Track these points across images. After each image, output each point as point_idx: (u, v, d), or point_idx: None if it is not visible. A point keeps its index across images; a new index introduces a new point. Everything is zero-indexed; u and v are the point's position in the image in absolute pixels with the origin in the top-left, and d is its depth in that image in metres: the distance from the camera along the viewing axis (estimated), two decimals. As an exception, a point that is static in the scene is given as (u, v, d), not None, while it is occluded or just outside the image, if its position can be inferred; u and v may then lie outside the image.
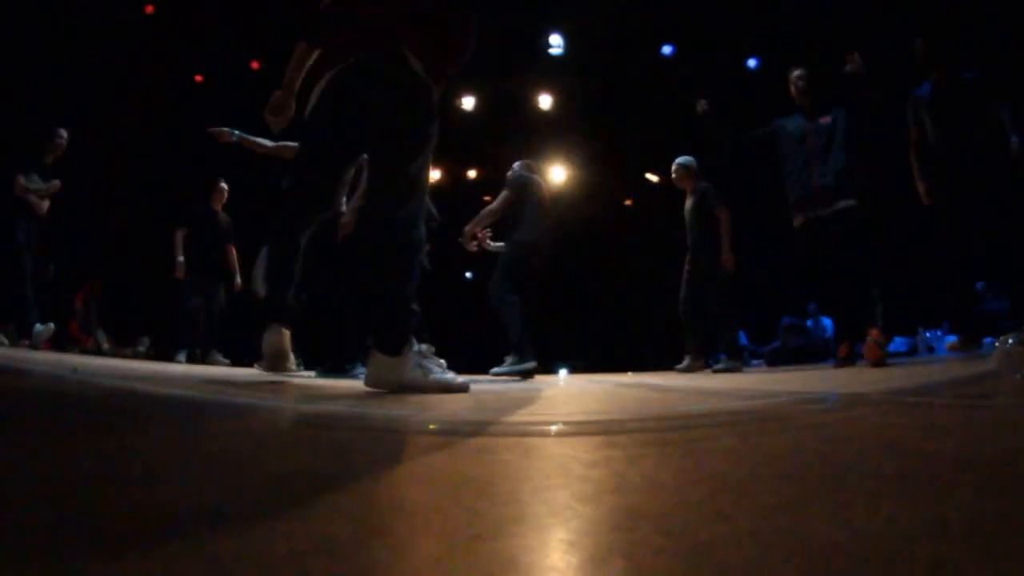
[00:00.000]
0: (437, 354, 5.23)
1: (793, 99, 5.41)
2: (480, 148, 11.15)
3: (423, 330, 6.79)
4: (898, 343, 7.87)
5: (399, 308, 2.63)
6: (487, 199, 11.59)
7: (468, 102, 10.63)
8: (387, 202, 2.66)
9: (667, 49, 9.34)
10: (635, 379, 4.96)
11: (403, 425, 1.59)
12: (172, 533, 0.60)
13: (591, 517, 0.70)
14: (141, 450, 1.11)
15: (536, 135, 11.01)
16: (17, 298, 5.74)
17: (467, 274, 11.88)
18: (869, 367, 4.49)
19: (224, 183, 7.40)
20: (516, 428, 1.58)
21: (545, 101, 10.76)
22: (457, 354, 5.46)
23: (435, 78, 2.73)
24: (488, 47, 9.75)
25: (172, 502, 0.73)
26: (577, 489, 0.83)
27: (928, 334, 7.66)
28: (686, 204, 6.52)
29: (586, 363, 8.40)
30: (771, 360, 8.53)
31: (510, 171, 6.12)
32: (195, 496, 0.77)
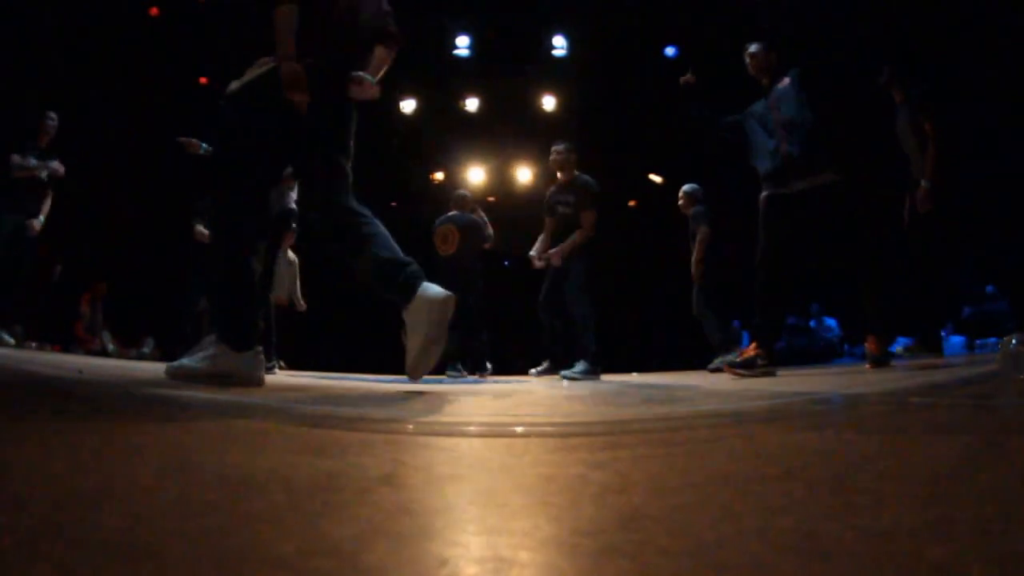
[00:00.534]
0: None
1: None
2: (483, 149, 11.15)
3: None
4: (901, 343, 7.84)
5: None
6: (491, 200, 11.65)
7: (472, 103, 10.64)
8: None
9: (670, 50, 9.34)
10: (640, 379, 4.96)
11: (404, 426, 1.59)
12: (177, 534, 0.60)
13: (596, 517, 0.70)
14: (143, 450, 1.11)
15: (539, 136, 11.01)
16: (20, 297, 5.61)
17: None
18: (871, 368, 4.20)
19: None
20: (521, 429, 1.58)
21: (549, 102, 10.76)
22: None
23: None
24: (492, 49, 9.74)
25: (176, 502, 0.73)
26: (582, 489, 0.83)
27: (931, 334, 7.63)
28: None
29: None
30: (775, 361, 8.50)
31: (584, 183, 6.35)
32: (197, 496, 0.77)
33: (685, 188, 7.16)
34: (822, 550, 0.57)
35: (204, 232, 6.51)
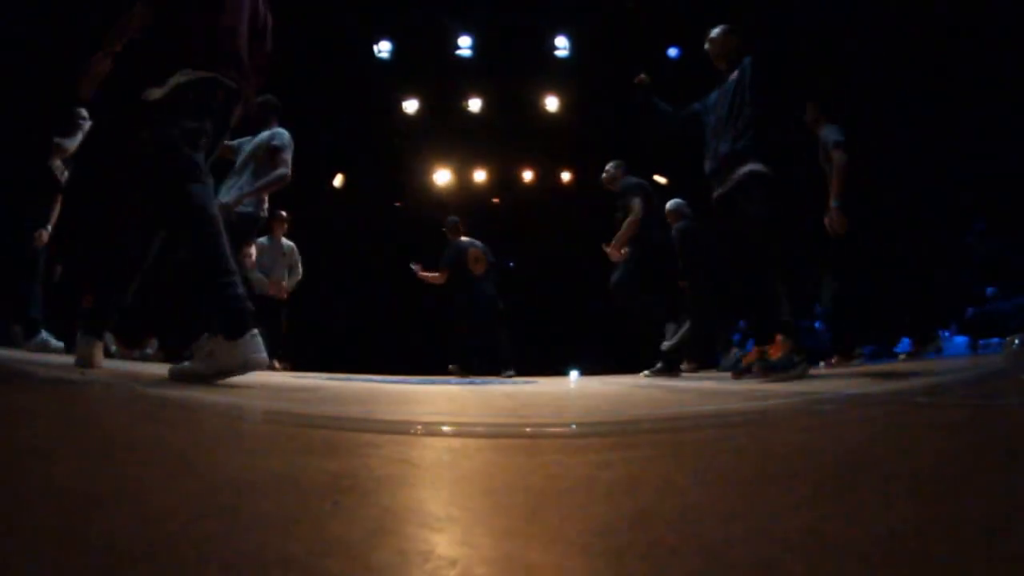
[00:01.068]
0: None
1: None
2: (486, 150, 11.14)
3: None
4: (906, 343, 7.82)
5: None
6: (495, 201, 11.65)
7: (475, 104, 10.63)
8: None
9: (673, 52, 9.33)
10: (647, 380, 4.95)
11: (413, 427, 1.59)
12: (184, 536, 0.60)
13: (605, 517, 0.70)
14: (149, 451, 1.12)
15: (542, 137, 11.01)
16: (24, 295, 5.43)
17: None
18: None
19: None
20: (529, 429, 1.59)
21: (552, 103, 10.75)
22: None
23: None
24: (494, 49, 9.73)
25: (183, 504, 0.73)
26: (591, 490, 0.84)
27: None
28: None
29: (597, 365, 8.39)
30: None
31: (622, 178, 6.50)
32: (204, 498, 0.77)
33: (668, 205, 7.62)
34: (830, 549, 0.57)
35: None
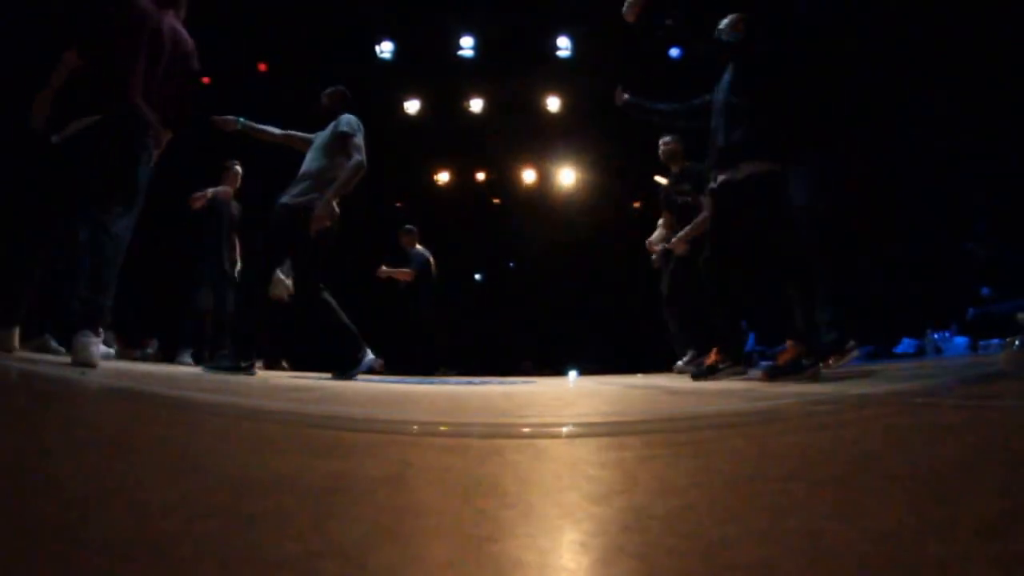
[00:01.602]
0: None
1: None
2: (488, 150, 11.14)
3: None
4: (906, 344, 7.83)
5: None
6: (496, 201, 11.65)
7: (476, 104, 10.63)
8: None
9: (675, 51, 9.33)
10: (644, 381, 4.95)
11: (412, 427, 1.59)
12: (182, 535, 0.60)
13: (602, 518, 0.70)
14: (149, 451, 1.12)
15: (544, 137, 11.00)
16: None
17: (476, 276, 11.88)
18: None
19: (239, 166, 6.95)
20: (527, 429, 1.59)
21: (553, 103, 10.74)
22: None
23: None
24: (496, 50, 9.72)
25: (182, 503, 0.73)
26: (588, 490, 0.84)
27: (936, 335, 7.62)
28: None
29: (595, 365, 8.40)
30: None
31: (684, 158, 6.21)
32: (203, 497, 0.77)
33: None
34: (827, 550, 0.57)
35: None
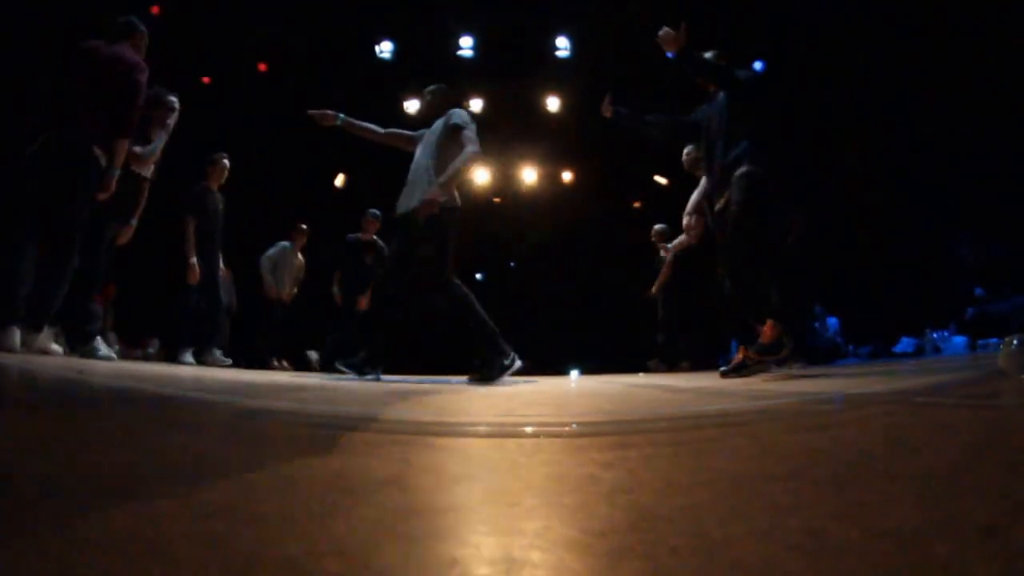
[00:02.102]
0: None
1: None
2: (487, 150, 11.12)
3: None
4: (905, 343, 7.84)
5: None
6: (496, 200, 11.63)
7: (476, 104, 10.62)
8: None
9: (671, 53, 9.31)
10: (647, 380, 4.95)
11: (415, 426, 1.60)
12: (185, 534, 0.61)
13: (607, 517, 0.70)
14: (150, 451, 1.12)
15: (544, 137, 10.98)
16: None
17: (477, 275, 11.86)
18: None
19: (226, 160, 6.70)
20: (530, 429, 1.59)
21: (553, 103, 10.73)
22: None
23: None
24: (496, 50, 9.70)
25: (183, 503, 0.73)
26: (592, 490, 0.84)
27: (935, 335, 7.63)
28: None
29: (597, 364, 8.38)
30: (780, 361, 8.49)
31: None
32: (205, 497, 0.77)
33: (656, 227, 8.07)
34: (830, 549, 0.57)
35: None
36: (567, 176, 11.50)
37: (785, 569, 0.53)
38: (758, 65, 8.62)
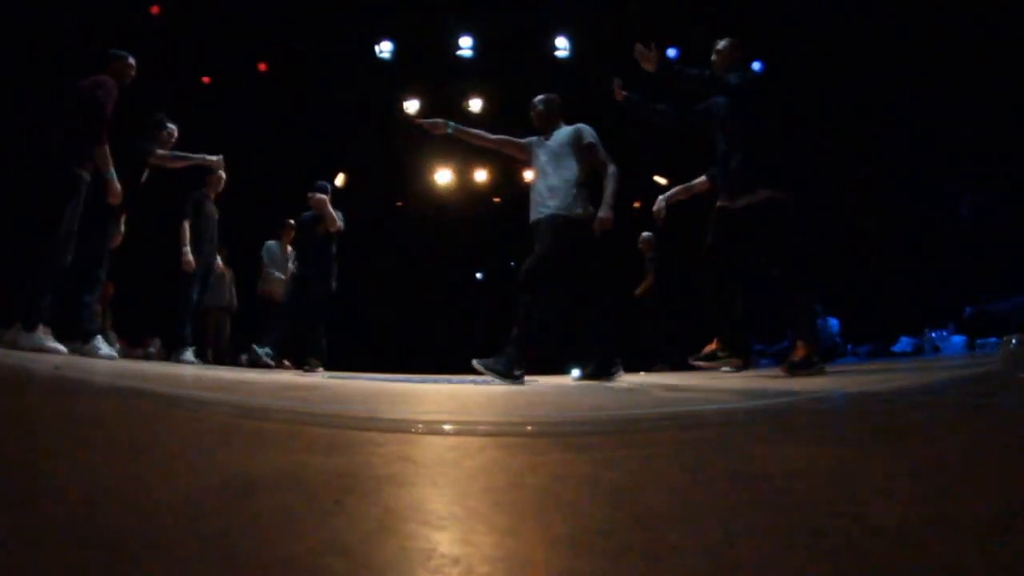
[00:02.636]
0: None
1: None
2: (488, 150, 11.11)
3: None
4: (904, 343, 7.84)
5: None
6: (496, 200, 11.63)
7: (475, 104, 10.61)
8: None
9: (672, 52, 9.32)
10: (647, 379, 4.95)
11: (415, 425, 1.60)
12: (187, 534, 0.61)
13: (608, 516, 0.71)
14: (151, 449, 1.12)
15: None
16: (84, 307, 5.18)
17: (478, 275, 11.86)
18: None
19: (223, 172, 6.92)
20: (531, 428, 1.59)
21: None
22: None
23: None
24: (495, 49, 9.69)
25: (185, 502, 0.73)
26: (593, 488, 0.84)
27: (934, 334, 7.63)
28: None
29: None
30: (781, 360, 8.50)
31: None
32: (206, 495, 0.77)
33: (644, 235, 8.29)
34: (830, 547, 0.57)
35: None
36: (566, 176, 11.50)
37: (785, 568, 0.53)
38: (757, 65, 8.62)
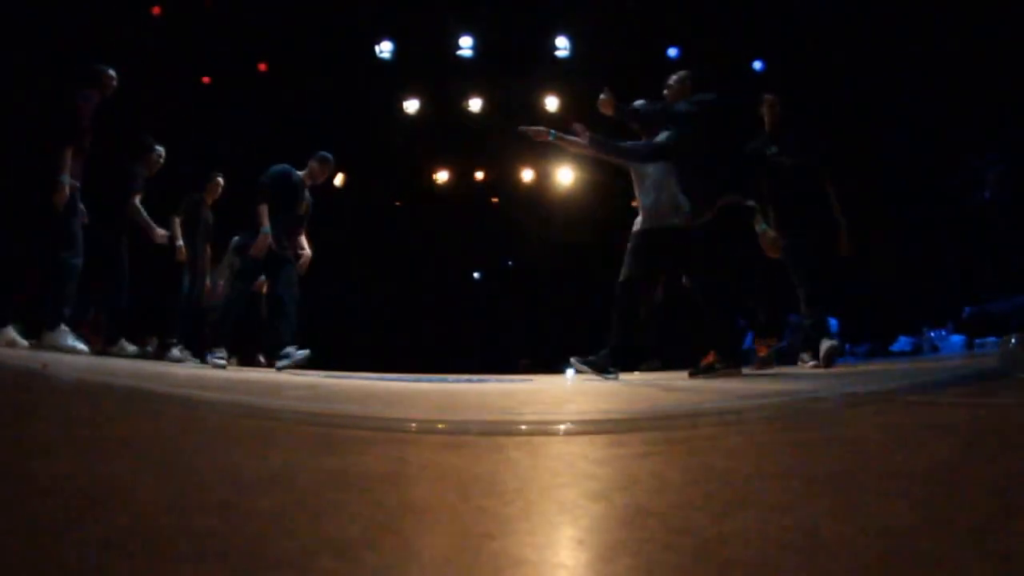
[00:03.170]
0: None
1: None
2: (487, 150, 11.12)
3: None
4: (902, 342, 7.83)
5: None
6: (495, 200, 11.64)
7: (475, 104, 10.61)
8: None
9: (673, 51, 9.31)
10: (643, 378, 4.95)
11: (410, 424, 1.60)
12: (181, 531, 0.61)
13: (600, 514, 0.71)
14: (148, 448, 1.12)
15: (543, 137, 10.96)
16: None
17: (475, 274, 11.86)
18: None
19: (220, 178, 7.01)
20: (525, 427, 1.59)
21: (552, 103, 10.71)
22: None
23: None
24: (495, 50, 9.69)
25: (181, 500, 0.73)
26: (586, 487, 0.84)
27: (932, 334, 7.62)
28: None
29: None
30: (778, 360, 8.50)
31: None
32: (202, 494, 0.77)
33: None
34: (823, 547, 0.57)
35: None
36: (566, 176, 11.49)
37: (778, 567, 0.53)
38: (758, 65, 8.62)
